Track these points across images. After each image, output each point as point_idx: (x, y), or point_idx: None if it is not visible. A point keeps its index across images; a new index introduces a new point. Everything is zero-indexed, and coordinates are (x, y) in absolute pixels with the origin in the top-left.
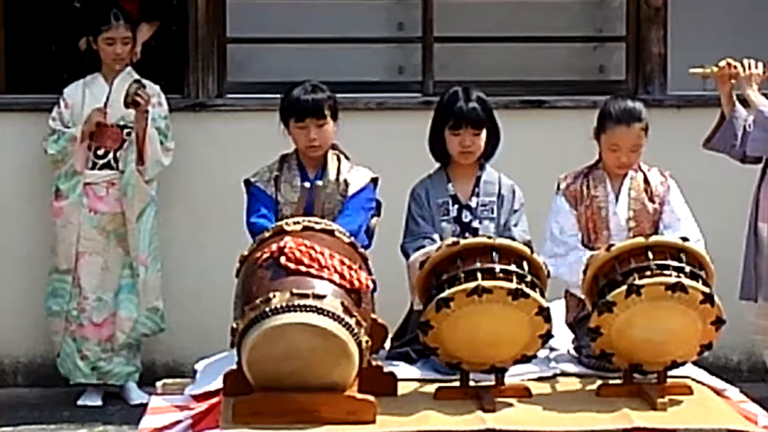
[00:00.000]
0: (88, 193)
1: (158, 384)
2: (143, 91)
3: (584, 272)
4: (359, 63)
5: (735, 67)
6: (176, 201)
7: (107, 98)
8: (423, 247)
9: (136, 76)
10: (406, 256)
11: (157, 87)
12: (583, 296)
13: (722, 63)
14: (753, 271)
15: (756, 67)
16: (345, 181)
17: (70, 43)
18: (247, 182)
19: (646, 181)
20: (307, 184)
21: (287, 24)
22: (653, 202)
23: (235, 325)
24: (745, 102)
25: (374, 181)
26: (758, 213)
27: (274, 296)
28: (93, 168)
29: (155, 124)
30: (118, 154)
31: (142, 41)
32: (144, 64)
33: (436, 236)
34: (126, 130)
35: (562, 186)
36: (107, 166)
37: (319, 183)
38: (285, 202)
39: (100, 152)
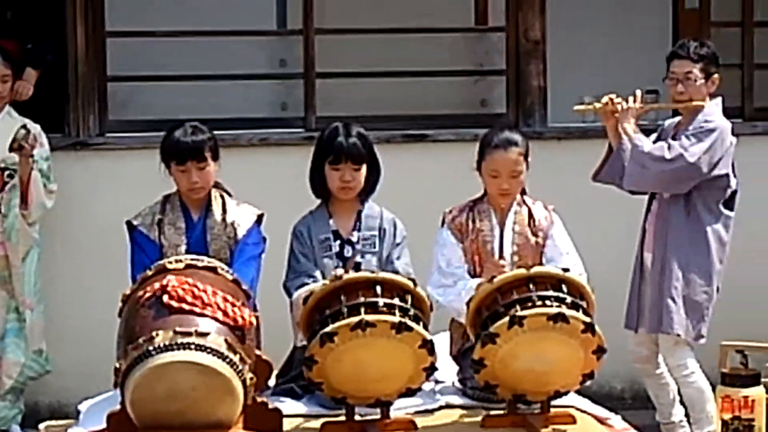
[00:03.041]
0: None
1: (41, 426)
2: (31, 136)
3: (467, 304)
4: (242, 100)
5: (614, 101)
6: (57, 240)
7: None
8: (305, 283)
9: (15, 115)
10: (289, 294)
11: (38, 127)
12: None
13: (605, 99)
14: (637, 300)
15: (634, 100)
16: (233, 223)
17: None
18: (129, 225)
19: (530, 214)
20: None
21: (169, 62)
22: (536, 236)
23: (118, 365)
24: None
25: (259, 218)
26: (644, 243)
27: (157, 335)
28: None
29: (37, 165)
30: None
31: (33, 84)
32: (23, 103)
33: (317, 274)
34: (7, 172)
35: (448, 219)
36: None
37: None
38: (169, 245)
39: None
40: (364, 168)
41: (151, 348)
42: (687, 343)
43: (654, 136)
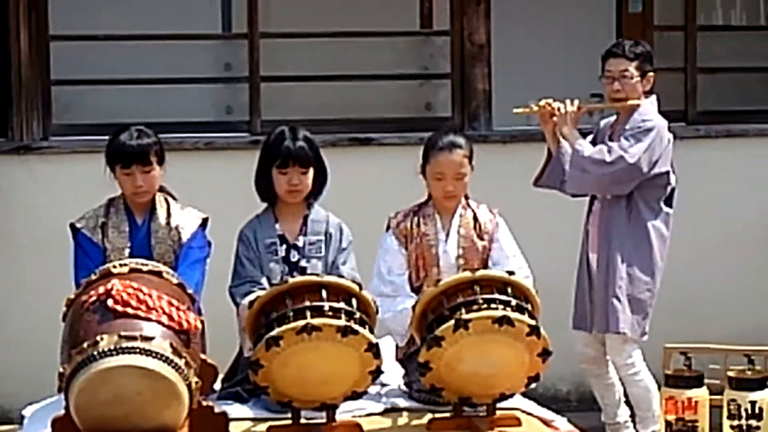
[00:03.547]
0: None
1: None
2: None
3: (413, 308)
4: (187, 103)
5: (552, 105)
6: (1, 244)
7: None
8: (250, 291)
9: None
10: (233, 299)
11: None
12: (402, 344)
13: (542, 102)
14: (586, 301)
15: (572, 104)
16: (177, 227)
17: None
18: (73, 228)
19: (475, 218)
20: None
21: (113, 65)
22: (482, 239)
23: (62, 370)
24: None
25: (204, 222)
26: (588, 244)
27: (102, 339)
28: None
29: None
30: None
31: None
32: None
33: (263, 280)
34: None
35: (393, 224)
36: None
37: None
38: (113, 248)
39: None
40: (311, 171)
41: (95, 352)
42: (634, 341)
43: (590, 136)
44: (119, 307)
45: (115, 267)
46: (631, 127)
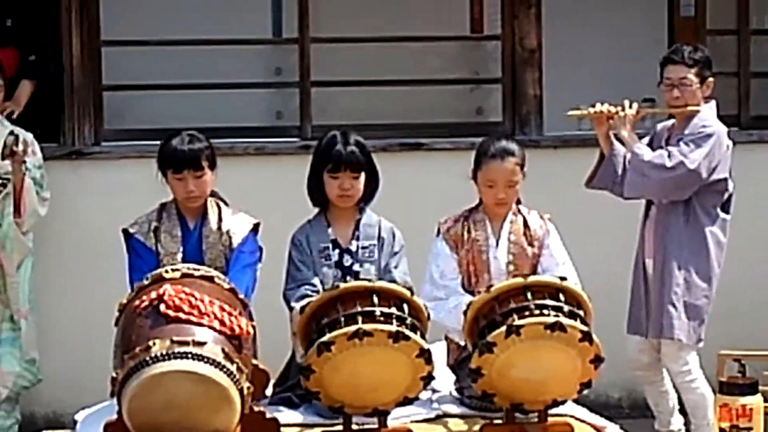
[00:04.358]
0: None
1: None
2: (21, 140)
3: (464, 314)
4: (238, 108)
5: (609, 109)
6: (52, 249)
7: None
8: (305, 294)
9: (7, 124)
10: (288, 303)
11: (30, 135)
12: (461, 342)
13: (598, 105)
14: (642, 306)
15: (630, 107)
16: (228, 232)
17: None
18: (126, 233)
19: (525, 224)
20: None
21: (165, 70)
22: (532, 245)
23: (114, 374)
24: (621, 140)
25: (255, 227)
26: (644, 249)
27: (154, 344)
28: None
29: (30, 174)
30: None
31: (27, 98)
32: (19, 114)
33: (316, 281)
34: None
35: (443, 229)
36: None
37: None
38: (165, 253)
39: None
40: (362, 176)
41: (147, 357)
42: (690, 348)
43: (646, 139)
44: (171, 312)
45: (167, 272)
46: (690, 133)
